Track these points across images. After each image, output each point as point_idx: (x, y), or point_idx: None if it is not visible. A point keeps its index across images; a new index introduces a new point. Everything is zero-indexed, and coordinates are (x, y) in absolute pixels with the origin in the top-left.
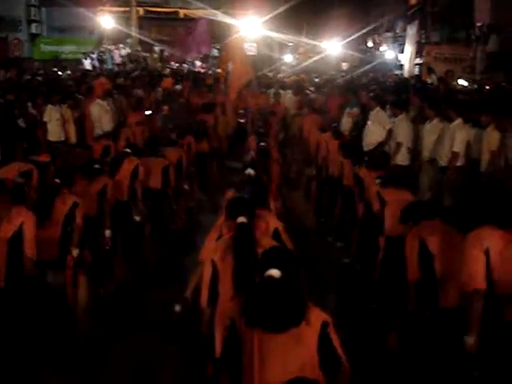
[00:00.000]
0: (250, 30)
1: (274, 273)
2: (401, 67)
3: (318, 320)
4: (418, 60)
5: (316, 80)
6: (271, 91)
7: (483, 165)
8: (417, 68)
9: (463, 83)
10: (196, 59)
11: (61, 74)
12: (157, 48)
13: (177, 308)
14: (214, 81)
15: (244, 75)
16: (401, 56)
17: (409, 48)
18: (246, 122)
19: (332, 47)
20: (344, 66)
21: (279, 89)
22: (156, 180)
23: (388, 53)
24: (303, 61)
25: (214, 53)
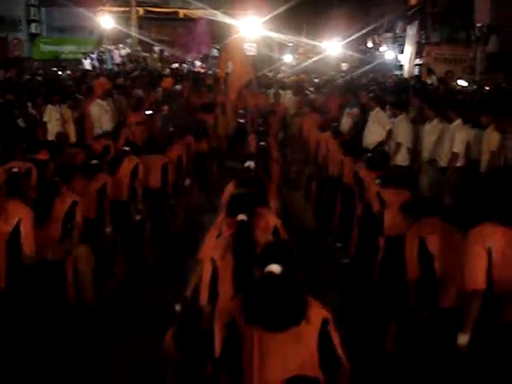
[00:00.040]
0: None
1: (275, 268)
2: (401, 68)
3: (318, 317)
4: (418, 60)
5: (316, 80)
6: (271, 91)
7: (483, 165)
8: (417, 68)
9: (463, 84)
10: (196, 59)
11: (60, 74)
12: (157, 48)
13: (177, 308)
14: (214, 81)
15: (244, 75)
16: (401, 56)
17: (409, 48)
18: (246, 122)
19: (332, 47)
20: (344, 67)
21: (279, 89)
22: (156, 179)
23: (388, 53)
24: (303, 61)
25: (214, 53)
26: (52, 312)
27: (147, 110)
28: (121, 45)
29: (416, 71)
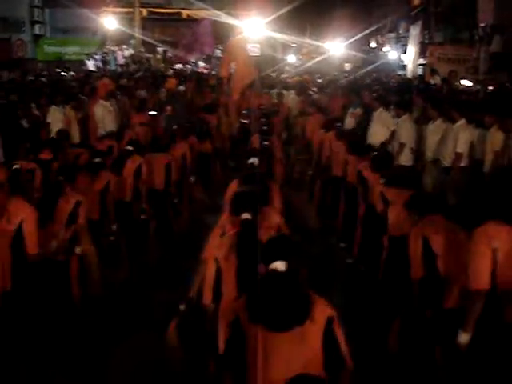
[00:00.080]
0: (253, 31)
1: (279, 266)
2: (404, 68)
3: (323, 316)
4: (422, 60)
5: (319, 80)
6: (274, 91)
7: (487, 165)
8: (420, 68)
9: (466, 84)
10: (199, 60)
11: (64, 75)
12: (160, 49)
13: (181, 308)
14: (217, 81)
15: (247, 76)
16: (404, 56)
17: (412, 48)
18: (249, 123)
19: (335, 48)
20: (347, 67)
21: (282, 89)
22: (159, 178)
23: (391, 53)
24: (306, 61)
25: (217, 53)
26: (54, 311)
27: (151, 111)
28: (124, 46)
29: (419, 71)
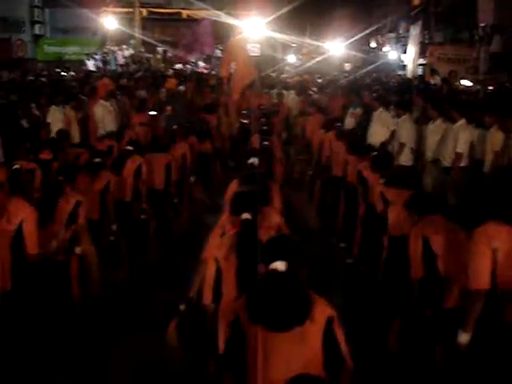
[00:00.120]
0: (253, 31)
1: (279, 266)
2: (404, 68)
3: (323, 316)
4: (422, 60)
5: (319, 80)
6: (274, 91)
7: (487, 165)
8: (420, 68)
9: (466, 84)
10: (199, 60)
11: (64, 75)
12: (160, 49)
13: (181, 308)
14: (217, 81)
15: (247, 76)
16: (404, 56)
17: (412, 48)
18: (250, 123)
19: (335, 48)
20: (347, 67)
21: (282, 89)
22: (159, 178)
23: (391, 53)
24: (306, 61)
25: (218, 53)
26: (54, 311)
27: (151, 111)
28: (124, 46)
29: (419, 71)
